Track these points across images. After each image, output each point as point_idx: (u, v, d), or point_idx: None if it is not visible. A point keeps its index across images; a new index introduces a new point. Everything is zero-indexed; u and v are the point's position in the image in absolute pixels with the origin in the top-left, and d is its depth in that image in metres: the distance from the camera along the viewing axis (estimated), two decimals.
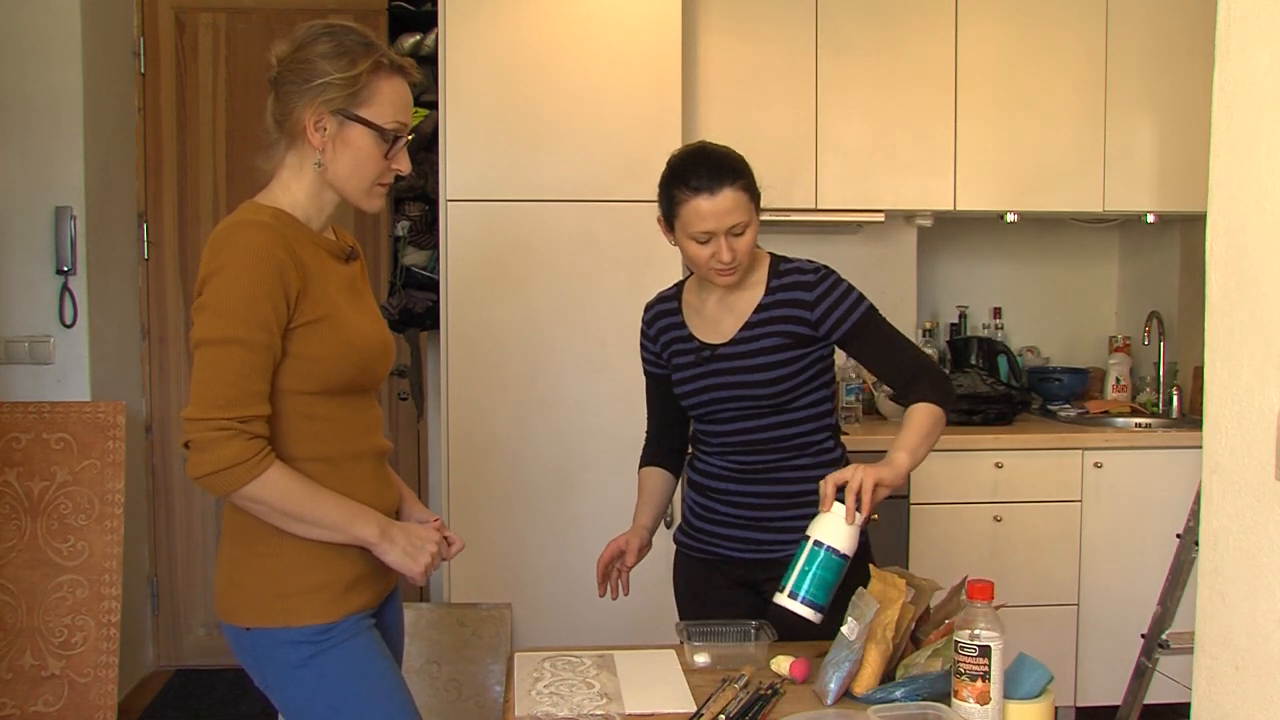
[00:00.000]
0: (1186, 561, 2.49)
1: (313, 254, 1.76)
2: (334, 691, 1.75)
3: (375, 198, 1.83)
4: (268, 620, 1.74)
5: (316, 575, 1.75)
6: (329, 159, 1.76)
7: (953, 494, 3.45)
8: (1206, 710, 1.26)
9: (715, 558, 2.21)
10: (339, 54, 1.73)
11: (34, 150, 3.42)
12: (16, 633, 3.19)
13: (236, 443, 1.63)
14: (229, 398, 1.64)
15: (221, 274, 1.67)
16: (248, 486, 1.65)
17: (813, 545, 1.84)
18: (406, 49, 3.71)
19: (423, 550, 1.80)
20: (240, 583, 1.77)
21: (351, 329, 1.78)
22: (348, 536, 1.75)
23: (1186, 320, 3.98)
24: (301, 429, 1.74)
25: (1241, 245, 1.20)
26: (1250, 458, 1.18)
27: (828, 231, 3.86)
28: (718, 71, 3.54)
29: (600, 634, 3.14)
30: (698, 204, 2.03)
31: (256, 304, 1.65)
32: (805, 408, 2.14)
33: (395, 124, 1.78)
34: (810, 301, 2.10)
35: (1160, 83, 3.72)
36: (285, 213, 1.76)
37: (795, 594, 1.82)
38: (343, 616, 1.76)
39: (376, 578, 1.84)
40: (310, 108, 1.73)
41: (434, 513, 1.96)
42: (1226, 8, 1.22)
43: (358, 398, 1.83)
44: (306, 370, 1.73)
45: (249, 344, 1.65)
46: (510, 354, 3.29)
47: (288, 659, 1.74)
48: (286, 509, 1.70)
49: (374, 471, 1.86)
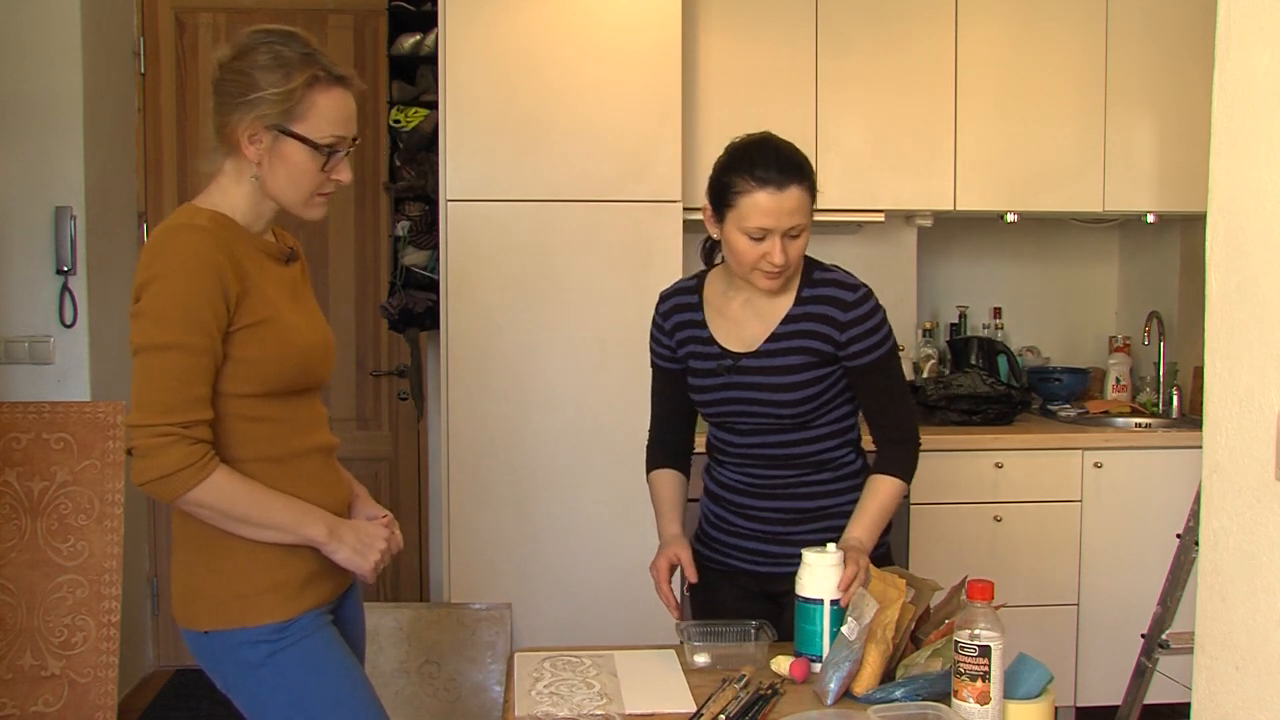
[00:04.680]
0: (1186, 561, 2.49)
1: (252, 257, 1.76)
2: (295, 688, 1.76)
3: (315, 208, 1.82)
4: (224, 622, 1.74)
5: (270, 575, 1.75)
6: (265, 172, 1.76)
7: (953, 494, 3.45)
8: (1206, 710, 1.26)
9: (729, 568, 2.17)
10: (275, 66, 1.72)
11: (34, 150, 3.42)
12: (16, 633, 3.19)
13: (179, 448, 1.64)
14: (170, 403, 1.64)
15: (159, 279, 1.67)
16: (192, 491, 1.65)
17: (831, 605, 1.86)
18: (406, 49, 3.71)
19: (371, 548, 1.80)
20: (195, 587, 1.77)
21: (292, 330, 1.78)
22: (296, 537, 1.75)
23: (1186, 320, 3.98)
24: (245, 431, 1.74)
25: (1241, 245, 1.20)
26: (1250, 458, 1.18)
27: (828, 231, 3.86)
28: (718, 71, 3.54)
29: (600, 634, 3.14)
30: (760, 198, 1.93)
31: (195, 309, 1.65)
32: (829, 424, 2.09)
33: (332, 138, 1.76)
34: (843, 323, 2.02)
35: (1160, 83, 3.72)
36: (224, 216, 1.76)
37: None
38: (299, 614, 1.76)
39: (331, 574, 1.84)
40: (244, 122, 1.72)
41: (383, 509, 1.94)
42: (1226, 8, 1.22)
43: (301, 397, 1.83)
44: (247, 373, 1.72)
45: (189, 349, 1.65)
46: (510, 354, 3.29)
47: (246, 659, 1.75)
48: (233, 513, 1.70)
49: (321, 468, 1.86)
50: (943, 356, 4.06)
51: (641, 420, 2.35)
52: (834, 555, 1.87)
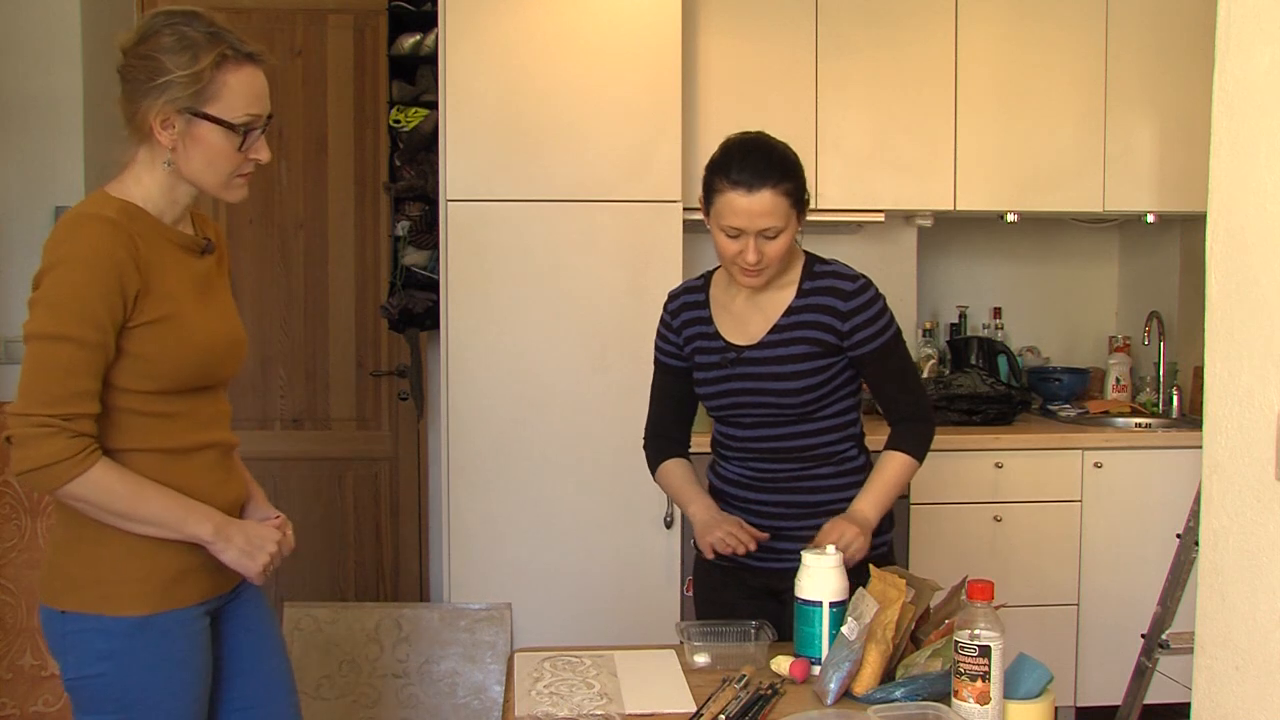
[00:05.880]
0: (1186, 561, 2.49)
1: (159, 249, 1.72)
2: (129, 691, 1.72)
3: (236, 189, 1.79)
4: (84, 606, 1.71)
5: (139, 566, 1.71)
6: (180, 157, 1.72)
7: (953, 494, 3.45)
8: (1206, 710, 1.26)
9: (733, 564, 2.17)
10: (182, 48, 1.68)
11: (34, 150, 3.42)
12: (16, 633, 3.19)
13: (58, 440, 1.61)
14: (54, 395, 1.62)
15: (58, 268, 1.64)
16: (69, 485, 1.63)
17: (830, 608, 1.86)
18: (406, 49, 3.71)
19: (261, 549, 1.77)
20: (62, 566, 1.74)
21: (194, 328, 1.75)
22: (181, 535, 1.71)
23: (1186, 320, 3.98)
24: (137, 424, 1.71)
25: (1241, 245, 1.20)
26: (1250, 458, 1.19)
27: (828, 231, 3.86)
28: (718, 71, 3.54)
29: (600, 634, 3.14)
30: (732, 198, 1.98)
31: (90, 302, 1.63)
32: (831, 417, 2.11)
33: (247, 117, 1.73)
34: (844, 312, 2.05)
35: (1160, 83, 3.72)
36: (134, 205, 1.73)
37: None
38: (162, 610, 1.72)
39: (209, 572, 1.78)
40: (155, 107, 1.69)
41: (277, 510, 1.90)
42: (1226, 8, 1.22)
43: (201, 394, 1.79)
44: (143, 369, 1.70)
45: (79, 342, 1.62)
46: (510, 354, 3.29)
47: (95, 647, 1.71)
48: (111, 508, 1.67)
49: (216, 465, 1.82)
50: (943, 356, 4.07)
51: (642, 419, 2.35)
52: (833, 557, 1.87)
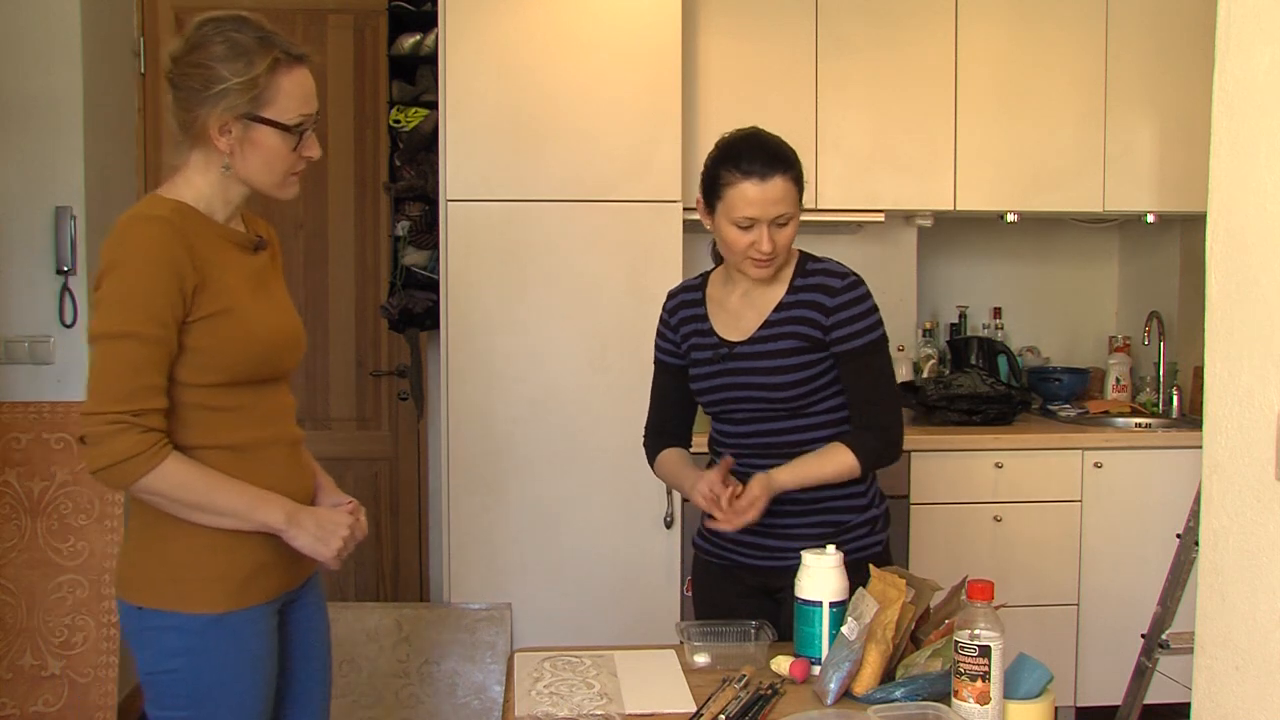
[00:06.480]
0: (1186, 561, 2.49)
1: (214, 246, 1.76)
2: (201, 687, 1.74)
3: (289, 186, 1.83)
4: (160, 602, 1.74)
5: (215, 564, 1.74)
6: (237, 160, 1.77)
7: (953, 494, 3.45)
8: (1206, 710, 1.26)
9: (730, 563, 2.19)
10: (235, 56, 1.72)
11: (34, 150, 3.42)
12: (16, 633, 3.19)
13: (130, 436, 1.64)
14: (123, 392, 1.65)
15: (118, 269, 1.68)
16: (144, 479, 1.66)
17: (830, 608, 1.85)
18: (406, 49, 3.71)
19: (334, 534, 1.79)
20: (138, 563, 1.77)
21: (252, 321, 1.78)
22: (253, 524, 1.74)
23: (1186, 320, 3.98)
24: (202, 419, 1.74)
25: (1241, 245, 1.20)
26: (1250, 458, 1.19)
27: (828, 231, 3.86)
28: (718, 71, 3.54)
29: (600, 634, 3.14)
30: (746, 188, 1.99)
31: (150, 299, 1.66)
32: (823, 413, 2.11)
33: (300, 117, 1.77)
34: (830, 308, 2.06)
35: (1160, 83, 3.72)
36: (187, 205, 1.76)
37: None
38: (237, 608, 1.75)
39: (283, 567, 1.82)
40: (213, 114, 1.73)
41: (349, 497, 1.93)
42: (1226, 8, 1.22)
43: (264, 387, 1.82)
44: (205, 363, 1.73)
45: (143, 338, 1.66)
46: (510, 354, 3.29)
47: (169, 644, 1.74)
48: (185, 500, 1.70)
49: (285, 459, 1.85)
50: (943, 356, 4.06)
51: (642, 419, 2.35)
52: (833, 557, 1.87)
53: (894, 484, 3.32)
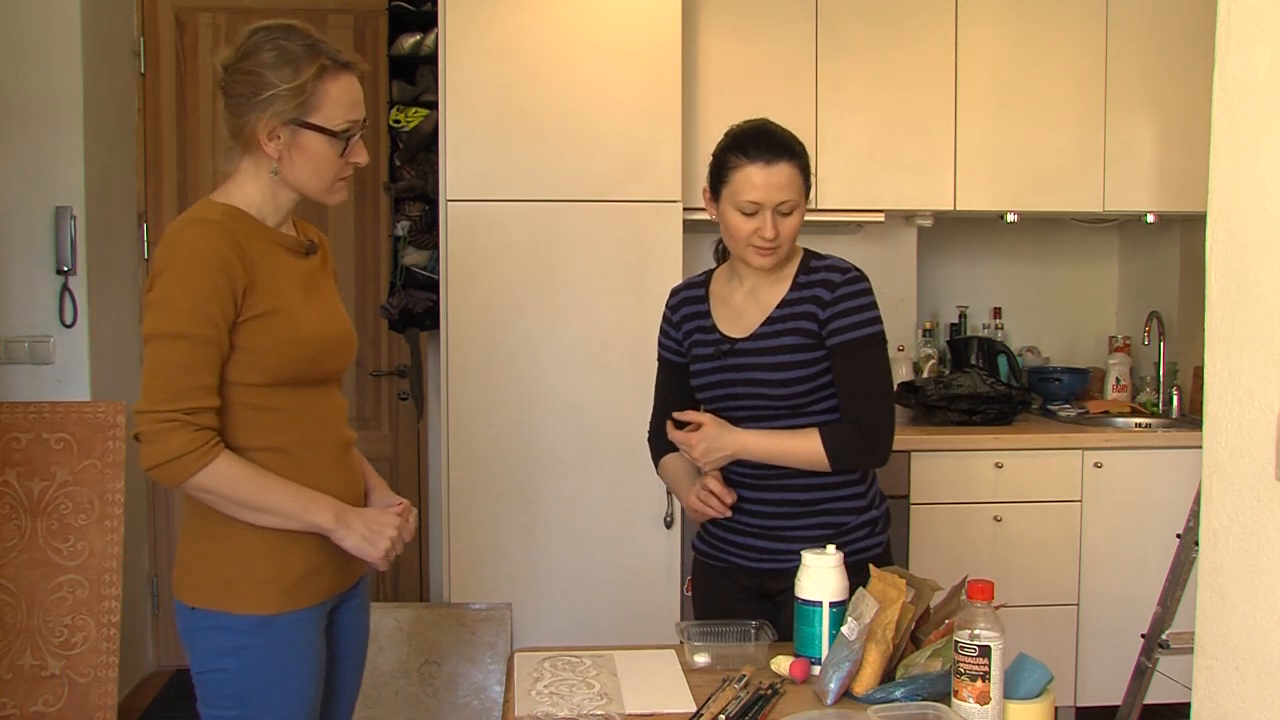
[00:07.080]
0: (1186, 561, 2.49)
1: (264, 249, 1.79)
2: (249, 687, 1.77)
3: (337, 192, 1.87)
4: (212, 603, 1.77)
5: (266, 567, 1.77)
6: (285, 166, 1.80)
7: (953, 494, 3.45)
8: (1206, 710, 1.26)
9: (729, 565, 2.18)
10: (283, 63, 1.76)
11: (34, 150, 3.42)
12: (16, 633, 3.19)
13: (183, 434, 1.67)
14: (176, 390, 1.68)
15: (170, 270, 1.72)
16: (196, 476, 1.69)
17: (830, 608, 1.85)
18: (406, 49, 3.71)
19: (382, 535, 1.82)
20: (191, 563, 1.80)
21: (302, 323, 1.80)
22: (302, 524, 1.77)
23: (1186, 320, 3.98)
24: (253, 420, 1.77)
25: (1241, 245, 1.20)
26: (1250, 458, 1.19)
27: (827, 231, 3.86)
28: (718, 71, 3.54)
29: (600, 634, 3.14)
30: (751, 172, 2.01)
31: (203, 300, 1.70)
32: (822, 413, 2.10)
33: (347, 123, 1.80)
34: (827, 301, 2.06)
35: (1160, 83, 3.72)
36: (238, 209, 1.80)
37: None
38: (287, 610, 1.78)
39: (333, 570, 1.85)
40: (262, 120, 1.76)
41: (400, 498, 1.95)
42: (1226, 8, 1.22)
43: (314, 389, 1.84)
44: (254, 363, 1.75)
45: (195, 338, 1.69)
46: (510, 354, 3.29)
47: (220, 644, 1.77)
48: (236, 498, 1.73)
49: (336, 461, 1.87)
50: (943, 356, 4.07)
51: (642, 419, 2.36)
52: (834, 557, 1.87)
53: (894, 484, 3.33)
